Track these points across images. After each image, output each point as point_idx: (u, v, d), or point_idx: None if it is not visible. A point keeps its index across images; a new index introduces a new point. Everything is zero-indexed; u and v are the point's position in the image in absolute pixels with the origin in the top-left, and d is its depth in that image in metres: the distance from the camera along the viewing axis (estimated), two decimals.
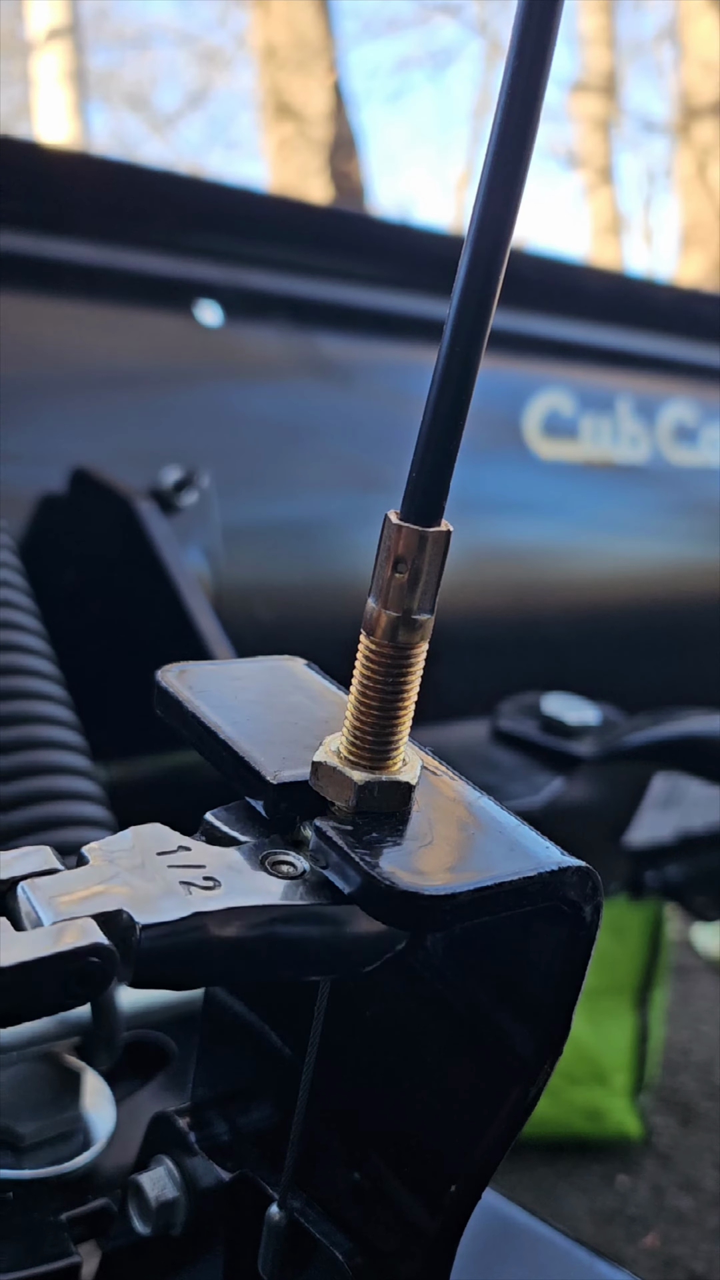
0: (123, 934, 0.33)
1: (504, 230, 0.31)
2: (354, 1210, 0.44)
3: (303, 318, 1.33)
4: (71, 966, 0.31)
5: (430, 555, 0.34)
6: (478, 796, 0.38)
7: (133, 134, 12.04)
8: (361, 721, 0.36)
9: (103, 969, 0.32)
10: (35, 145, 1.64)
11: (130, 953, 0.33)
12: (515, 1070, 0.38)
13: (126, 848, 0.35)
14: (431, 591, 0.34)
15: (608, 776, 1.19)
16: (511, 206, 0.31)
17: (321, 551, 1.23)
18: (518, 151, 0.30)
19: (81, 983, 0.32)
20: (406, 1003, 0.43)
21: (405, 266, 1.48)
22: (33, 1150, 0.55)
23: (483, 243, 0.31)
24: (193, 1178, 0.47)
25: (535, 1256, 0.54)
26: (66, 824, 0.72)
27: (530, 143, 0.30)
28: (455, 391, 0.32)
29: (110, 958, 0.32)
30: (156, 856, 0.35)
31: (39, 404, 1.11)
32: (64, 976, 0.31)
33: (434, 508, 0.33)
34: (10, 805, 0.71)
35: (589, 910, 0.35)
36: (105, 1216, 0.52)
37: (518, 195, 0.31)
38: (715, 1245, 1.99)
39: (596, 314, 1.70)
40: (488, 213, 0.31)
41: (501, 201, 0.31)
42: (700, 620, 1.68)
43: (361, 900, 0.34)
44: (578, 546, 1.56)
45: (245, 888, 0.35)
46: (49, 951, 0.31)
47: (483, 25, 10.72)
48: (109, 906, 0.33)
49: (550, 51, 0.30)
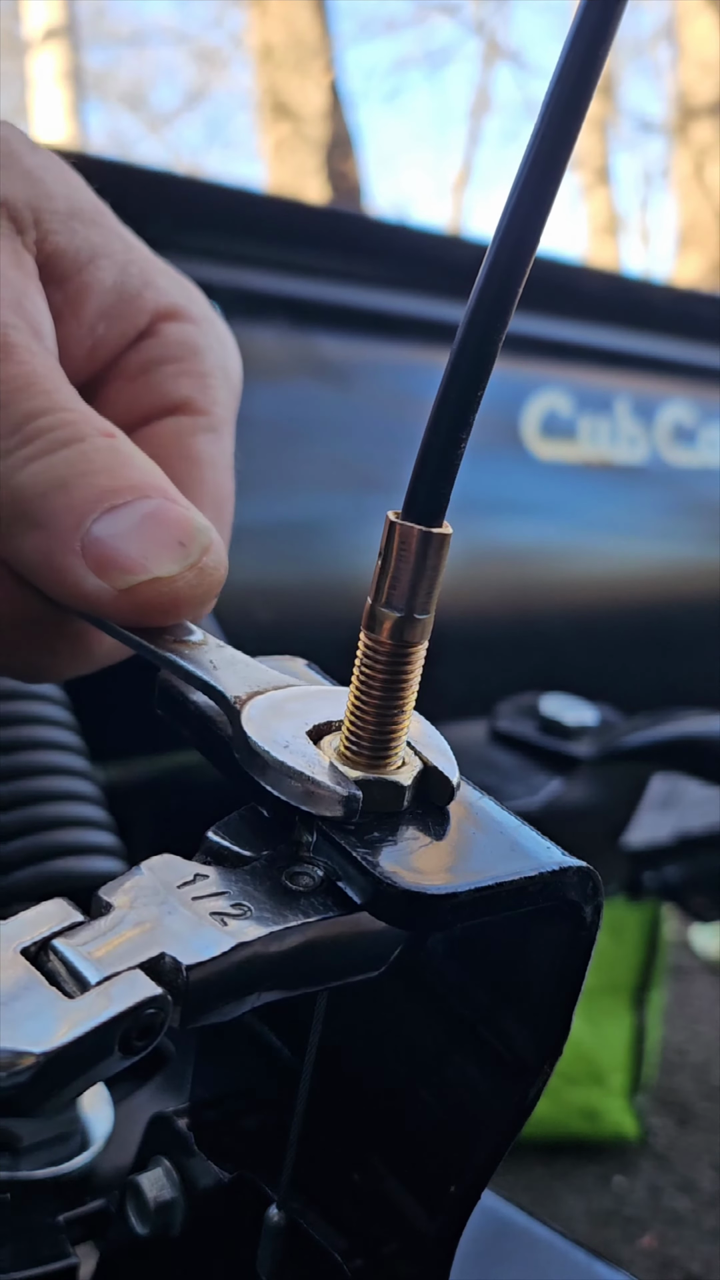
0: (170, 978, 0.32)
1: (530, 228, 0.31)
2: (353, 1211, 0.44)
3: (300, 318, 1.33)
4: (131, 1023, 0.31)
5: (431, 556, 0.34)
6: (478, 796, 0.38)
7: (129, 134, 12.05)
8: (360, 721, 0.36)
9: (160, 1018, 0.31)
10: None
11: (180, 995, 0.32)
12: (515, 1071, 0.38)
13: (145, 885, 0.34)
14: (432, 592, 0.34)
15: (606, 777, 1.20)
16: (541, 208, 0.31)
17: (321, 552, 1.24)
18: (553, 164, 0.30)
19: (141, 1036, 0.31)
20: (405, 1003, 0.43)
21: (403, 267, 1.48)
22: (30, 1151, 0.55)
23: (507, 240, 0.31)
24: (191, 1179, 0.47)
25: (533, 1257, 0.54)
26: (65, 824, 0.71)
27: (565, 157, 0.30)
28: (463, 392, 0.32)
29: (165, 1005, 0.31)
30: (177, 890, 0.34)
31: None
32: (125, 1034, 0.31)
33: (436, 508, 0.33)
34: (6, 805, 0.71)
35: (589, 910, 0.35)
36: (103, 1217, 0.52)
37: (549, 197, 0.30)
38: (712, 1246, 1.99)
39: (594, 314, 1.70)
40: (517, 211, 0.30)
41: (531, 202, 0.30)
42: (699, 621, 1.68)
43: (362, 900, 0.34)
44: (576, 547, 1.56)
45: (274, 909, 0.34)
46: (109, 1014, 0.30)
47: (480, 25, 10.73)
48: (151, 952, 0.32)
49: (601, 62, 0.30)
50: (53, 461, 0.43)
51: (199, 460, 0.52)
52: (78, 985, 0.31)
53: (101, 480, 0.43)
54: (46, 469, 0.43)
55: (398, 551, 0.34)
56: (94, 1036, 0.30)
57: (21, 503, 0.43)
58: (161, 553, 0.43)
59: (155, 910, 0.34)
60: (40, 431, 0.44)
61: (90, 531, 0.42)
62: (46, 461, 0.43)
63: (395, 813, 0.36)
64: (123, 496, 0.43)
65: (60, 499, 0.43)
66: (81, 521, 0.42)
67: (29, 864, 0.68)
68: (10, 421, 0.43)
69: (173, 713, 0.42)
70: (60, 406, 0.45)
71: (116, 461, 0.44)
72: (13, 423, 0.43)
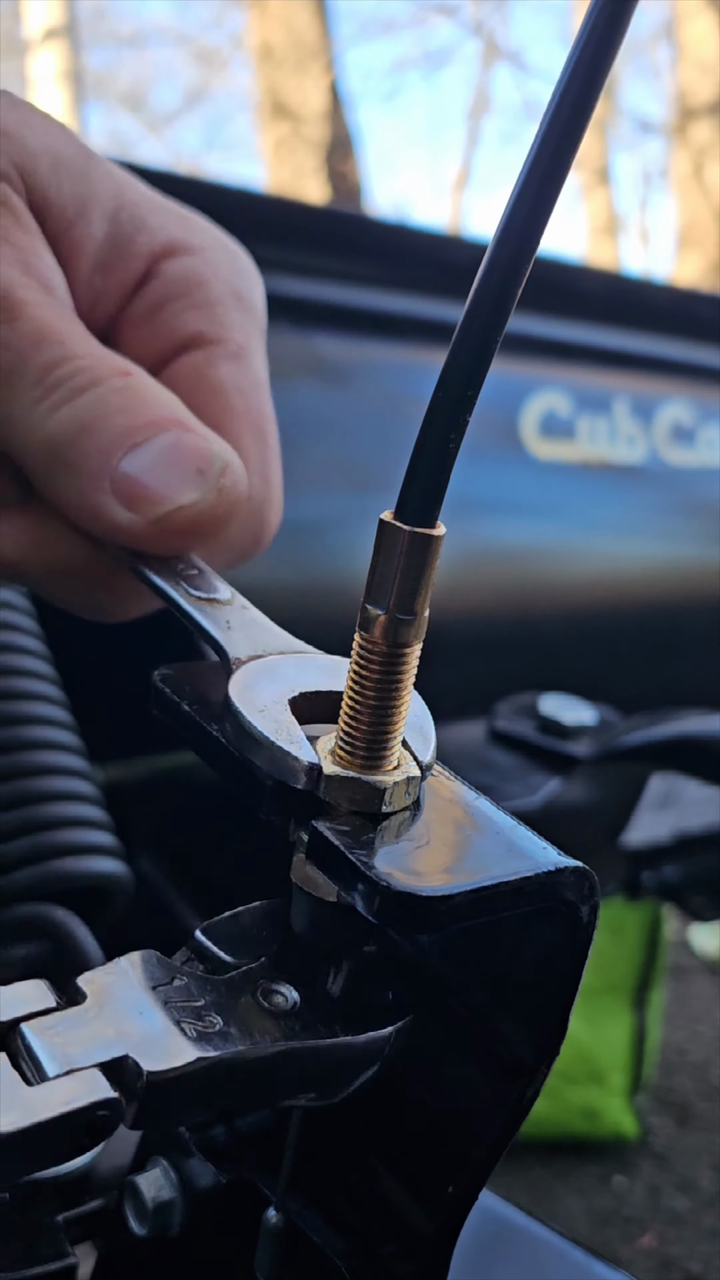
0: (128, 1081, 0.32)
1: (531, 228, 0.31)
2: (351, 1212, 0.44)
3: (299, 318, 1.33)
4: (80, 1121, 0.31)
5: (423, 557, 0.34)
6: (475, 797, 0.38)
7: (129, 134, 12.04)
8: (355, 722, 0.36)
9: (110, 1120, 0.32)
10: None
11: (135, 1099, 0.32)
12: (512, 1071, 0.38)
13: (123, 981, 0.35)
14: (425, 592, 0.34)
15: (605, 777, 1.19)
16: (543, 210, 0.30)
17: (319, 552, 1.23)
18: (555, 166, 0.30)
19: (90, 1134, 0.32)
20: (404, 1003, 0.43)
21: (402, 267, 1.48)
22: None
23: (506, 242, 0.31)
24: (190, 1179, 0.47)
25: (532, 1257, 0.54)
26: (65, 825, 0.71)
27: (569, 160, 0.30)
28: (458, 393, 0.32)
29: (118, 1109, 0.32)
30: (153, 990, 0.35)
31: None
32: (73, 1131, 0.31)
33: (429, 509, 0.33)
34: (5, 805, 0.71)
35: (586, 911, 0.35)
36: (102, 1218, 0.52)
37: (551, 199, 0.30)
38: (712, 1245, 1.99)
39: (593, 314, 1.70)
40: (516, 212, 0.30)
41: (533, 202, 0.30)
42: (698, 621, 1.68)
43: (359, 901, 0.34)
44: (574, 547, 1.56)
45: (243, 1027, 0.35)
46: (60, 1110, 0.31)
47: (478, 26, 10.73)
48: (115, 1052, 0.32)
49: (609, 64, 0.29)
50: (75, 407, 0.46)
51: (223, 389, 0.54)
52: (37, 1074, 0.32)
53: (121, 420, 0.46)
54: (70, 416, 0.46)
55: (390, 552, 0.34)
56: (41, 1129, 0.30)
57: (54, 450, 0.46)
58: (183, 482, 0.46)
59: (127, 1009, 0.34)
60: (60, 381, 0.46)
61: (118, 469, 0.45)
62: (69, 409, 0.46)
63: (392, 813, 0.36)
64: (143, 434, 0.46)
65: (87, 442, 0.46)
66: (108, 461, 0.45)
67: (28, 864, 0.68)
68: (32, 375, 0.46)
69: (168, 714, 0.42)
70: (75, 354, 0.47)
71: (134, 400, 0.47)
72: (34, 376, 0.46)
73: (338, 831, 0.35)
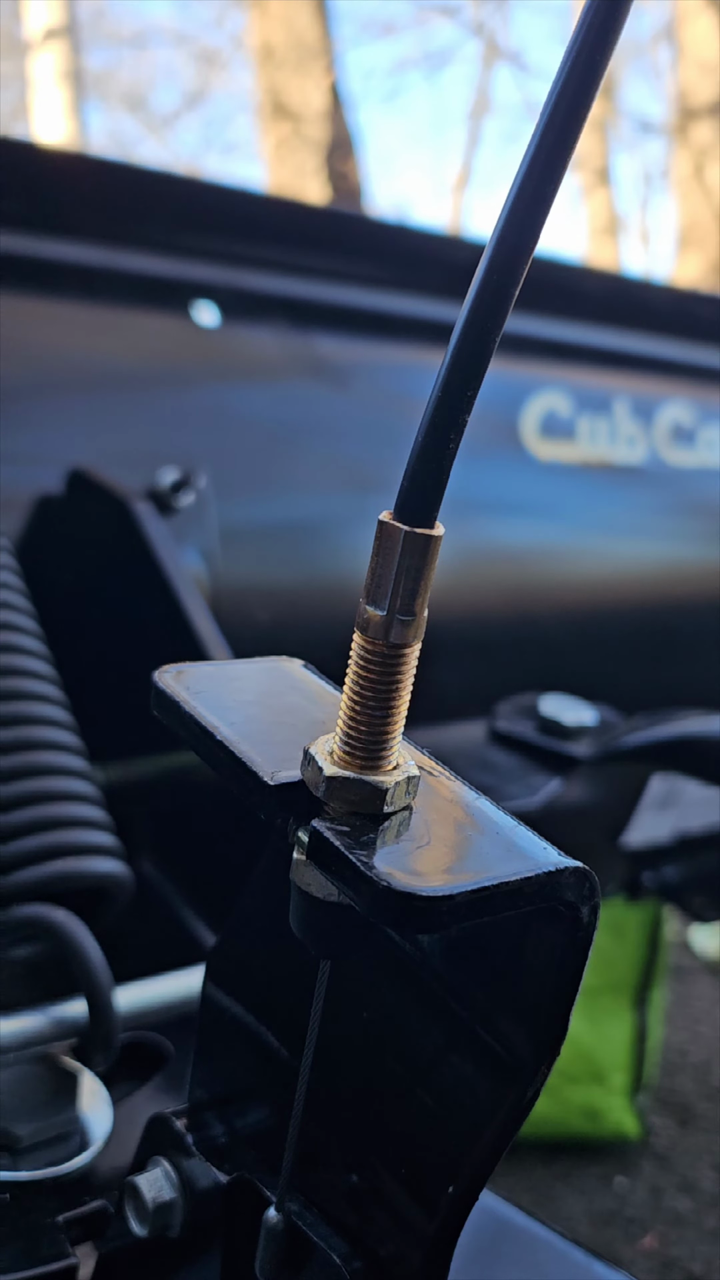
0: None
1: (528, 229, 0.31)
2: (351, 1212, 0.43)
3: (300, 318, 1.33)
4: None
5: (421, 557, 0.34)
6: (475, 797, 0.38)
7: (130, 134, 12.03)
8: (354, 722, 0.36)
9: None
10: (32, 145, 1.64)
11: None
12: (512, 1071, 0.38)
13: None
14: (423, 592, 0.34)
15: (605, 777, 1.19)
16: (540, 209, 0.31)
17: (319, 552, 1.23)
18: (552, 165, 0.30)
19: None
20: (404, 1004, 0.42)
21: (403, 267, 1.48)
22: (30, 1151, 0.55)
23: (504, 243, 0.31)
24: (190, 1179, 0.47)
25: (533, 1258, 0.54)
26: (63, 825, 0.71)
27: (566, 160, 0.30)
28: (456, 394, 0.32)
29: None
30: None
31: (36, 405, 1.10)
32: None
33: (427, 510, 0.33)
34: (7, 806, 0.71)
35: (586, 911, 0.35)
36: (102, 1218, 0.52)
37: (548, 199, 0.30)
38: (713, 1246, 1.99)
39: (594, 315, 1.70)
40: (514, 213, 0.30)
41: (530, 203, 0.30)
42: (697, 621, 1.68)
43: (359, 902, 0.34)
44: (575, 547, 1.56)
45: None
46: None
47: (479, 26, 10.72)
48: None
49: (604, 65, 0.30)
50: None
51: None
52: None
53: None
54: None
55: (389, 553, 0.34)
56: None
57: None
58: None
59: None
60: None
61: None
62: None
63: (392, 813, 0.36)
64: None
65: None
66: None
67: (29, 864, 0.68)
68: None
69: (168, 714, 0.42)
70: None
71: None
72: None
73: (338, 831, 0.35)
